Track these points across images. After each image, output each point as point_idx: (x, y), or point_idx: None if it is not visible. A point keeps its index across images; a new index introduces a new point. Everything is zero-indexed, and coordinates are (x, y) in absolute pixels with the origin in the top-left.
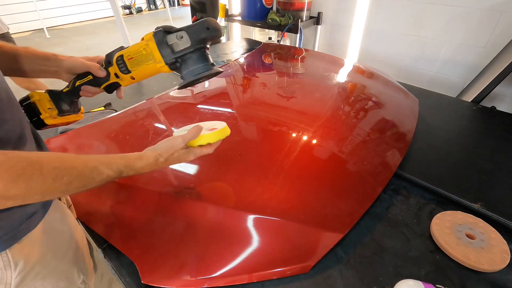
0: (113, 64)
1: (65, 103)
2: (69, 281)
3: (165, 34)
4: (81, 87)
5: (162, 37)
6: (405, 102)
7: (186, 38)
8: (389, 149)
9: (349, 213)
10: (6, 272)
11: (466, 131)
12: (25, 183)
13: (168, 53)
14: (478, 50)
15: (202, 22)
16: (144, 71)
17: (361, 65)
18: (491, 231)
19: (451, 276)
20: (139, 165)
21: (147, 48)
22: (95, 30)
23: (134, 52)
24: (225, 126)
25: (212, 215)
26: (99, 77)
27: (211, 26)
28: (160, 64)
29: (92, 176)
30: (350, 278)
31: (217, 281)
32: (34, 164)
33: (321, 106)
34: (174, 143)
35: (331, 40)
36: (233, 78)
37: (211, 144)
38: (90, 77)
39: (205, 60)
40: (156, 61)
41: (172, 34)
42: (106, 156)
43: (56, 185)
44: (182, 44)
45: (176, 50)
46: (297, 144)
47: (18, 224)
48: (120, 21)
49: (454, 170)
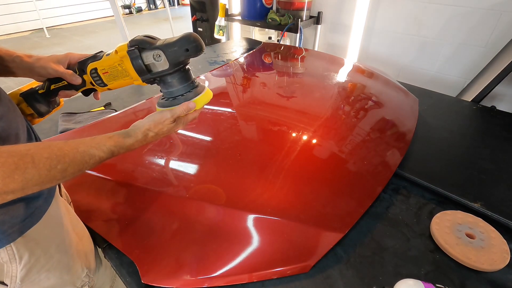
0: (87, 74)
1: (43, 105)
2: (72, 274)
3: (141, 52)
4: (58, 91)
5: (137, 56)
6: (405, 102)
7: (163, 59)
8: (389, 149)
9: (349, 212)
10: (12, 265)
11: (466, 130)
12: (21, 176)
13: (144, 72)
14: (478, 49)
15: (181, 41)
16: (121, 85)
17: (361, 65)
18: (491, 230)
19: (451, 275)
20: (129, 142)
21: (122, 65)
22: (95, 29)
23: (108, 67)
24: (207, 89)
25: (212, 215)
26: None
27: (191, 46)
28: (137, 81)
29: (84, 161)
30: (350, 278)
31: (217, 280)
32: (25, 157)
33: (321, 105)
34: (162, 117)
35: (331, 39)
36: (233, 77)
37: (196, 109)
38: (65, 83)
39: (185, 80)
40: (133, 78)
41: (148, 52)
42: (94, 138)
43: (51, 174)
44: (160, 65)
45: (153, 71)
46: (297, 144)
47: (22, 219)
48: (120, 21)
49: (454, 169)
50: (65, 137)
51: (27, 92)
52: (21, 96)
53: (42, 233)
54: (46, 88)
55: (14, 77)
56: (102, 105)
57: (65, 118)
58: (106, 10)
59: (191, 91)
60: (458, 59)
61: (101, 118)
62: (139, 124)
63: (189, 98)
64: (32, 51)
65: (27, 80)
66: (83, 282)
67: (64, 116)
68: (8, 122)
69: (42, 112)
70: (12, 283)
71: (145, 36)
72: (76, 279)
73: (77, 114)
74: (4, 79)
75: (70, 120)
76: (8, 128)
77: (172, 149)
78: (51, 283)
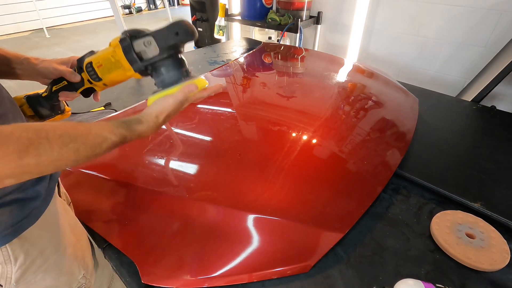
0: (84, 71)
1: (45, 108)
2: (69, 276)
3: (132, 40)
4: (59, 92)
5: (128, 44)
6: (405, 102)
7: (154, 44)
8: (389, 149)
9: (349, 212)
10: (7, 266)
11: (466, 130)
12: (35, 151)
13: (135, 60)
14: (478, 49)
15: (171, 26)
16: (116, 78)
17: (361, 65)
18: (491, 230)
19: (451, 275)
20: (141, 129)
21: (114, 56)
22: (95, 29)
23: (103, 59)
24: (202, 77)
25: (212, 214)
26: (74, 82)
27: (182, 30)
28: (130, 72)
29: (97, 142)
30: (350, 278)
31: (217, 280)
32: (39, 133)
33: (321, 105)
34: (166, 104)
35: (331, 39)
36: (233, 77)
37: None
38: (65, 83)
39: (178, 67)
40: (125, 69)
41: (139, 40)
42: (107, 122)
43: (64, 153)
44: (150, 51)
45: (144, 58)
46: (297, 144)
47: (18, 220)
48: (120, 21)
49: (454, 169)
50: None
51: (31, 95)
52: (24, 98)
53: (38, 234)
54: (48, 90)
55: (19, 79)
56: (102, 105)
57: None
58: (106, 10)
59: (184, 79)
60: (458, 59)
61: (101, 118)
62: (148, 111)
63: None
64: (32, 51)
65: (30, 82)
66: (80, 284)
67: None
68: (7, 122)
69: (43, 115)
70: (7, 284)
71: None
72: (72, 281)
73: (77, 114)
74: (5, 81)
75: (70, 120)
76: None
77: (172, 149)
78: (46, 284)
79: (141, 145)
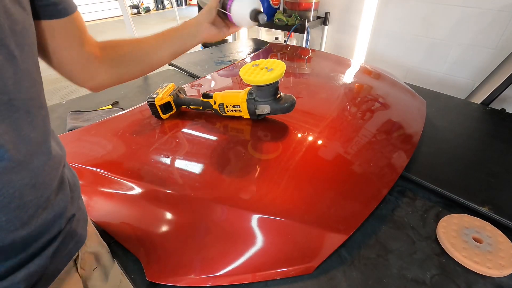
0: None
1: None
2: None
3: (257, 105)
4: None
5: (253, 107)
6: (413, 104)
7: (267, 108)
8: (396, 151)
9: (354, 214)
10: None
11: (475, 133)
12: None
13: (253, 114)
14: (488, 51)
15: (289, 102)
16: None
17: (368, 66)
18: (499, 235)
19: (457, 280)
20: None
21: (240, 105)
22: (104, 29)
23: (229, 102)
24: None
25: (217, 214)
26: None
27: (291, 104)
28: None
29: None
30: (354, 280)
31: (221, 280)
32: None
33: (327, 106)
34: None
35: (338, 40)
36: (239, 77)
37: None
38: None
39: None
40: (241, 113)
41: (261, 107)
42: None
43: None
44: (263, 110)
45: (258, 113)
46: (303, 145)
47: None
48: (128, 21)
49: (462, 172)
50: (74, 136)
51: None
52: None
53: None
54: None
55: (203, 42)
56: (109, 103)
57: (73, 116)
58: (115, 10)
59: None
60: (468, 61)
61: (109, 117)
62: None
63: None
64: None
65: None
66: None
67: (72, 114)
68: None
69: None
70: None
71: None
72: None
73: (85, 112)
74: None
75: (78, 118)
76: None
77: (177, 148)
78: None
79: (147, 143)
